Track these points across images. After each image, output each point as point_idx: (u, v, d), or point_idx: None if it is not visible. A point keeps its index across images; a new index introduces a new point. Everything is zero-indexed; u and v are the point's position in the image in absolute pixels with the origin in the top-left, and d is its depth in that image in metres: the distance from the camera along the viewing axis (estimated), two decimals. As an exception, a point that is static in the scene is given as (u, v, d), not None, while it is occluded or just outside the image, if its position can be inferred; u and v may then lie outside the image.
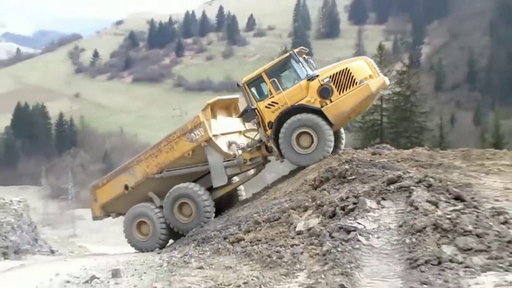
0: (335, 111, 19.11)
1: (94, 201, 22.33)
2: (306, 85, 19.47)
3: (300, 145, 19.13)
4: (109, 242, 58.50)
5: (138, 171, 21.17)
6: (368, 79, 19.18)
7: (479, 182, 15.16)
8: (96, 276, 11.73)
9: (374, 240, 11.50)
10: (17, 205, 24.32)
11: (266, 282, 10.08)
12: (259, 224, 13.96)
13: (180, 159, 20.57)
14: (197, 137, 20.19)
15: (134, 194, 21.26)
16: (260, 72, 20.24)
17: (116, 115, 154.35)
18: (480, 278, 9.50)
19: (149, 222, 20.74)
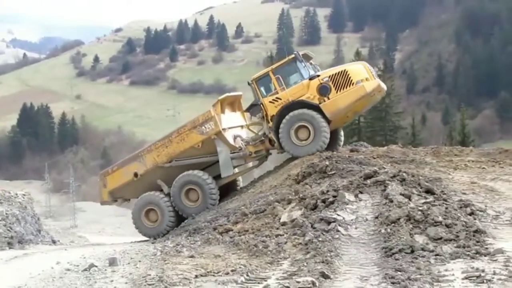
0: (331, 108, 19.07)
1: (103, 186, 21.87)
2: (307, 83, 19.49)
3: (298, 137, 19.05)
4: (107, 232, 58.45)
5: (148, 160, 20.88)
6: (364, 81, 19.16)
7: (448, 177, 15.25)
8: (94, 264, 11.61)
9: (352, 230, 11.49)
10: (21, 198, 24.12)
11: (252, 269, 10.00)
12: (246, 216, 13.88)
13: (189, 149, 20.39)
14: (208, 130, 20.05)
15: (143, 181, 20.91)
16: (268, 71, 20.37)
17: (114, 115, 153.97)
18: (449, 265, 9.49)
19: (157, 210, 20.39)
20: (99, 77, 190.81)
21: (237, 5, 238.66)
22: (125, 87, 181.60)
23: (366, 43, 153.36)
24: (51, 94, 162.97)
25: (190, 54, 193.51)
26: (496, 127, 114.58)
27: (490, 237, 10.66)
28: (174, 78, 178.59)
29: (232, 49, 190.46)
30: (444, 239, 10.51)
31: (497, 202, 12.98)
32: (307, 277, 9.01)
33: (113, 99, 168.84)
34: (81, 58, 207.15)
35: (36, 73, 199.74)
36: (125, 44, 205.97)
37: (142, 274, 10.34)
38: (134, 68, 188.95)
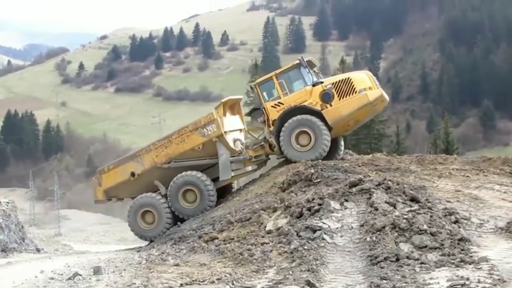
0: (333, 115, 19.03)
1: (98, 185, 21.49)
2: (310, 89, 19.43)
3: (299, 143, 19.00)
4: (92, 240, 58.22)
5: (146, 159, 20.62)
6: (367, 90, 19.14)
7: (432, 185, 15.33)
8: (78, 273, 11.55)
9: (337, 238, 11.51)
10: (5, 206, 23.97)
11: (238, 278, 9.99)
12: (232, 224, 13.85)
13: (189, 151, 20.21)
14: (209, 133, 19.89)
15: (139, 181, 20.65)
16: (271, 75, 20.31)
17: (99, 122, 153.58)
18: (434, 273, 9.54)
19: (154, 211, 20.14)
20: (84, 84, 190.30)
21: (223, 13, 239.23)
22: (110, 94, 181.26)
23: (351, 51, 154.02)
24: (35, 101, 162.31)
25: (175, 62, 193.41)
26: (480, 135, 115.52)
27: (474, 245, 10.73)
28: (159, 86, 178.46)
29: (217, 57, 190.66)
30: (429, 247, 10.55)
31: (481, 210, 13.08)
32: (293, 285, 9.03)
33: (98, 106, 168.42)
34: (66, 65, 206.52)
35: (21, 80, 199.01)
36: (110, 51, 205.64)
37: (127, 283, 10.29)
38: (119, 75, 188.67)
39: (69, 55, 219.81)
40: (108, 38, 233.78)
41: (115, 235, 66.44)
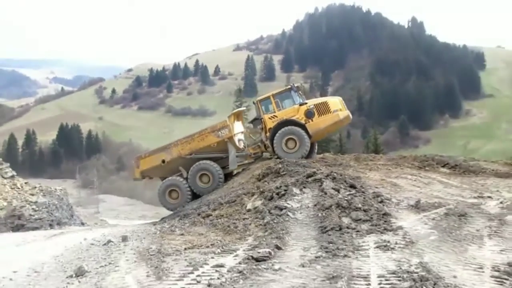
0: (314, 128, 19.12)
1: (136, 167, 21.27)
2: (298, 108, 19.46)
3: (287, 146, 18.96)
4: (121, 217, 57.69)
5: (174, 151, 20.50)
6: (339, 111, 19.33)
7: (365, 176, 15.38)
8: (111, 240, 11.48)
9: (298, 214, 11.51)
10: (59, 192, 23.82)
11: (226, 243, 9.98)
12: (222, 205, 13.82)
13: (207, 147, 20.15)
14: (223, 135, 19.90)
15: (167, 167, 20.56)
16: (269, 95, 20.33)
17: (127, 132, 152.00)
18: (366, 238, 9.57)
19: (178, 190, 20.10)
20: (115, 104, 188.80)
21: (216, 52, 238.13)
22: (134, 111, 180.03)
23: (308, 80, 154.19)
24: (81, 117, 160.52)
25: (181, 87, 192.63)
26: (398, 140, 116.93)
27: (393, 218, 10.78)
28: (170, 105, 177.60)
29: (212, 84, 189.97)
30: (362, 220, 10.59)
31: (399, 193, 13.16)
32: (266, 248, 9.02)
33: (126, 120, 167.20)
34: (103, 90, 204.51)
35: (70, 101, 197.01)
36: (135, 80, 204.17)
37: (146, 247, 10.24)
38: (141, 97, 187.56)
39: (105, 83, 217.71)
40: (133, 70, 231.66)
41: (137, 213, 65.98)
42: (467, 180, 15.44)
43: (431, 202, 11.96)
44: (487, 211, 11.19)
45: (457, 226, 9.95)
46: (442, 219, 10.51)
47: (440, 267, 7.62)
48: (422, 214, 11.08)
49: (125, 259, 9.59)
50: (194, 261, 8.74)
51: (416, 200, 12.16)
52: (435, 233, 9.57)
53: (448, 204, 11.78)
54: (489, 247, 8.66)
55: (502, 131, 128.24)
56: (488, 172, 16.79)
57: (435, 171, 17.55)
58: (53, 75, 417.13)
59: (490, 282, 7.02)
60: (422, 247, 8.70)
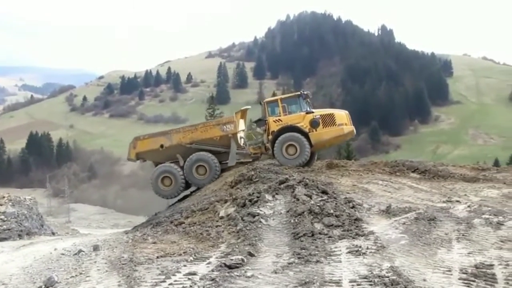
0: (317, 138, 18.87)
1: (133, 148, 20.94)
2: (304, 115, 19.18)
3: (288, 152, 18.73)
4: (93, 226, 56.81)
5: (174, 138, 20.18)
6: (344, 125, 19.09)
7: (337, 181, 15.41)
8: (82, 250, 11.26)
9: (270, 221, 11.51)
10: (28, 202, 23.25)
11: (199, 251, 9.91)
12: (194, 212, 13.69)
13: (209, 139, 19.92)
14: (227, 129, 19.72)
15: (165, 152, 20.21)
16: (277, 98, 20.14)
17: (98, 139, 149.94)
18: (338, 243, 9.63)
19: (171, 177, 19.81)
20: (86, 112, 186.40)
21: (188, 59, 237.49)
22: (106, 119, 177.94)
23: (280, 87, 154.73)
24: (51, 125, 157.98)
25: (153, 95, 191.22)
26: (369, 146, 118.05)
27: (365, 223, 10.88)
28: (142, 112, 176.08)
29: (184, 91, 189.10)
30: (334, 226, 10.65)
31: (370, 199, 13.24)
32: (238, 255, 9.00)
33: (97, 128, 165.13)
34: (73, 98, 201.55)
35: (40, 109, 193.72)
36: (106, 87, 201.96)
37: (118, 256, 10.09)
38: (112, 105, 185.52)
39: (75, 91, 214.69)
40: (104, 77, 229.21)
41: (109, 222, 65.15)
42: (436, 185, 15.69)
43: (402, 207, 12.10)
44: (456, 215, 11.39)
45: (427, 230, 10.10)
46: (412, 223, 10.65)
47: (411, 271, 7.73)
48: (393, 219, 11.20)
49: (96, 269, 9.45)
50: (166, 269, 8.66)
51: (387, 205, 12.27)
52: (405, 237, 9.70)
53: (418, 209, 11.94)
54: (457, 250, 8.82)
55: (469, 137, 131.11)
56: (456, 177, 17.12)
57: (406, 176, 17.79)
58: (22, 82, 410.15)
59: (458, 284, 7.15)
60: (393, 251, 8.81)
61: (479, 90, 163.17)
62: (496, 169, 19.41)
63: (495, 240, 9.33)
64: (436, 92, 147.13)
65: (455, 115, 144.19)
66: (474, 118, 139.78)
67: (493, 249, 8.82)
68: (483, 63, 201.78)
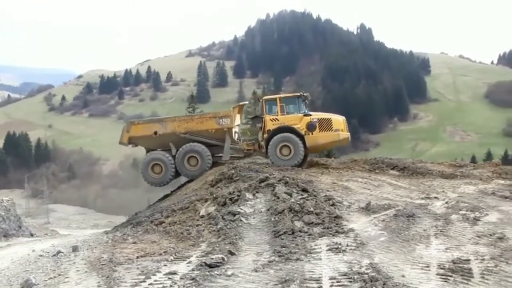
0: (312, 141, 18.83)
1: (126, 131, 20.70)
2: (301, 117, 19.10)
3: (282, 153, 18.67)
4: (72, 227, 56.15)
5: (169, 126, 20.04)
6: (340, 131, 19.07)
7: (317, 179, 15.49)
8: (61, 251, 11.11)
9: (251, 219, 11.52)
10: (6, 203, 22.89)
11: (179, 250, 9.86)
12: (175, 212, 13.62)
13: (204, 131, 19.83)
14: (223, 123, 19.64)
15: (158, 139, 20.06)
16: (276, 97, 19.90)
17: (77, 139, 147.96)
18: (318, 241, 9.69)
19: (162, 165, 19.72)
20: (65, 111, 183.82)
21: (168, 58, 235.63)
22: (85, 118, 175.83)
23: (260, 85, 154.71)
24: (29, 125, 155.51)
25: (133, 94, 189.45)
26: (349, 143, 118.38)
27: (345, 220, 10.97)
28: (121, 112, 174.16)
29: (164, 90, 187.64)
30: (315, 223, 10.71)
31: (350, 196, 13.36)
32: (219, 254, 8.98)
33: (76, 127, 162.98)
34: (52, 97, 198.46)
35: (18, 109, 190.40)
36: (85, 87, 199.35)
37: (97, 257, 9.99)
38: (91, 104, 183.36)
39: (54, 90, 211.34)
40: (83, 77, 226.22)
41: (89, 222, 64.37)
42: (415, 182, 15.89)
43: (381, 204, 12.23)
44: (434, 211, 11.55)
45: (406, 227, 10.22)
46: (392, 220, 10.78)
47: (390, 267, 7.81)
48: (373, 216, 11.32)
49: (75, 270, 9.34)
50: (146, 269, 8.60)
51: (367, 202, 12.39)
52: (384, 234, 9.80)
53: (397, 206, 12.07)
54: (435, 246, 8.94)
55: (447, 134, 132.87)
56: (434, 174, 17.37)
57: (385, 173, 17.99)
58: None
59: (436, 279, 7.25)
60: (373, 248, 8.89)
61: (456, 88, 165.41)
62: (473, 166, 19.75)
63: (471, 236, 9.49)
64: (415, 90, 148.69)
65: (433, 112, 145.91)
66: (452, 115, 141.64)
67: (470, 244, 8.97)
68: (459, 62, 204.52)
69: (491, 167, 18.45)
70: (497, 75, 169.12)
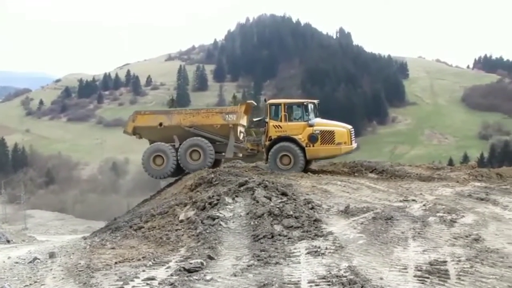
0: (312, 153, 18.82)
1: (132, 121, 20.68)
2: (304, 126, 18.99)
3: (282, 162, 18.71)
4: (51, 232, 55.40)
5: (175, 118, 19.98)
6: (343, 144, 18.88)
7: (296, 183, 15.54)
8: (37, 257, 10.92)
9: (230, 224, 11.48)
10: (-18, 209, 22.51)
11: (158, 255, 9.79)
12: (154, 216, 13.51)
13: (208, 126, 19.76)
14: (229, 119, 19.57)
15: (162, 131, 19.96)
16: (282, 102, 19.73)
17: (55, 144, 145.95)
18: (297, 245, 9.68)
19: (164, 157, 19.62)
20: (43, 116, 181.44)
21: (147, 62, 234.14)
22: (63, 123, 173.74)
23: (240, 89, 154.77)
24: (6, 129, 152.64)
25: (112, 98, 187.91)
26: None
27: (324, 223, 10.99)
28: (101, 116, 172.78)
29: (144, 94, 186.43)
30: (294, 227, 10.71)
31: (329, 199, 13.42)
32: (198, 259, 8.93)
33: (54, 132, 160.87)
34: (29, 101, 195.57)
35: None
36: (63, 91, 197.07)
37: (74, 263, 9.86)
38: (70, 108, 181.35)
39: (31, 94, 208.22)
40: (61, 81, 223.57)
41: (68, 228, 63.60)
42: (393, 185, 16.05)
43: (360, 207, 12.31)
44: (412, 213, 11.66)
45: (384, 230, 10.29)
46: (370, 223, 10.85)
47: (368, 270, 7.85)
48: (351, 219, 11.37)
49: (52, 277, 9.20)
50: (124, 275, 8.51)
51: (346, 205, 12.44)
52: (363, 237, 9.85)
53: (375, 209, 12.17)
54: (413, 248, 9.02)
55: (425, 137, 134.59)
56: (412, 176, 17.58)
57: (364, 176, 18.15)
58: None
59: (413, 281, 7.30)
60: (351, 251, 8.93)
61: (433, 91, 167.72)
62: (450, 168, 20.03)
63: (448, 237, 9.60)
64: (393, 93, 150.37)
65: (411, 116, 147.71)
66: (429, 118, 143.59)
67: (447, 246, 9.08)
68: (436, 65, 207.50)
69: (467, 170, 18.72)
70: (473, 79, 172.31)
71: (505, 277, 7.30)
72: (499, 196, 13.55)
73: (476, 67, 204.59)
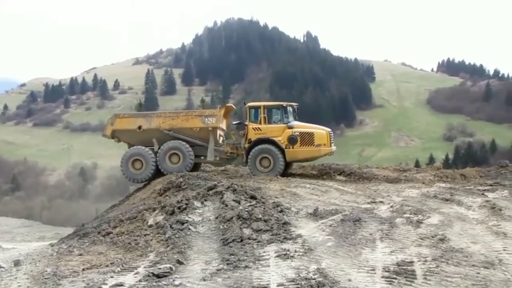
0: (292, 155, 18.75)
1: (111, 124, 20.30)
2: (284, 128, 18.94)
3: (261, 164, 18.66)
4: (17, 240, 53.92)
5: (154, 121, 19.70)
6: (322, 146, 18.85)
7: (265, 186, 15.55)
8: (1, 266, 10.60)
9: (200, 228, 11.41)
10: None
11: (126, 261, 9.63)
12: (123, 222, 13.29)
13: (188, 129, 19.54)
14: (209, 122, 19.39)
15: (141, 134, 19.66)
16: (261, 105, 19.68)
17: (21, 149, 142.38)
18: (266, 248, 9.68)
19: (143, 160, 19.31)
20: (8, 121, 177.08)
21: (115, 66, 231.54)
22: (29, 128, 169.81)
23: (209, 93, 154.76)
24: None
25: (79, 102, 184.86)
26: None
27: (293, 226, 11.03)
28: (67, 121, 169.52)
29: (111, 98, 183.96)
30: (263, 230, 10.71)
31: (298, 202, 13.46)
32: (167, 264, 8.83)
33: (20, 137, 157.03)
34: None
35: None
36: (29, 95, 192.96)
37: (41, 271, 9.61)
38: (36, 113, 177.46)
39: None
40: (27, 85, 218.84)
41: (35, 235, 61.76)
42: (361, 187, 16.23)
43: (329, 210, 12.39)
44: (379, 215, 11.81)
45: (352, 231, 10.39)
46: (339, 225, 10.93)
47: (336, 271, 7.90)
48: (320, 221, 11.44)
49: (16, 285, 8.96)
50: (92, 281, 8.35)
51: (315, 208, 12.50)
52: (332, 239, 9.93)
53: (344, 211, 12.27)
54: (381, 249, 9.13)
55: (392, 139, 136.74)
56: (380, 178, 17.83)
57: (332, 179, 18.33)
58: None
59: (381, 282, 7.39)
60: (320, 253, 8.98)
61: (399, 94, 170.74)
62: (416, 170, 20.40)
63: (415, 238, 9.76)
64: (360, 96, 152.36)
65: (378, 118, 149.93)
66: (396, 121, 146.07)
67: (413, 246, 9.22)
68: (402, 69, 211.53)
69: (433, 171, 19.12)
70: (437, 82, 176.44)
71: (469, 276, 7.47)
72: (463, 197, 13.84)
73: (439, 70, 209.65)
